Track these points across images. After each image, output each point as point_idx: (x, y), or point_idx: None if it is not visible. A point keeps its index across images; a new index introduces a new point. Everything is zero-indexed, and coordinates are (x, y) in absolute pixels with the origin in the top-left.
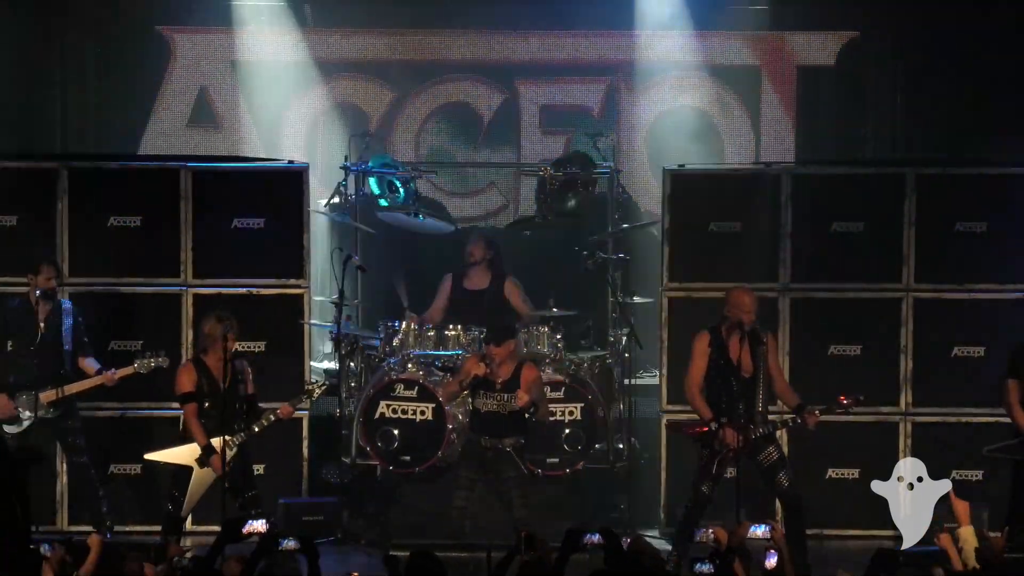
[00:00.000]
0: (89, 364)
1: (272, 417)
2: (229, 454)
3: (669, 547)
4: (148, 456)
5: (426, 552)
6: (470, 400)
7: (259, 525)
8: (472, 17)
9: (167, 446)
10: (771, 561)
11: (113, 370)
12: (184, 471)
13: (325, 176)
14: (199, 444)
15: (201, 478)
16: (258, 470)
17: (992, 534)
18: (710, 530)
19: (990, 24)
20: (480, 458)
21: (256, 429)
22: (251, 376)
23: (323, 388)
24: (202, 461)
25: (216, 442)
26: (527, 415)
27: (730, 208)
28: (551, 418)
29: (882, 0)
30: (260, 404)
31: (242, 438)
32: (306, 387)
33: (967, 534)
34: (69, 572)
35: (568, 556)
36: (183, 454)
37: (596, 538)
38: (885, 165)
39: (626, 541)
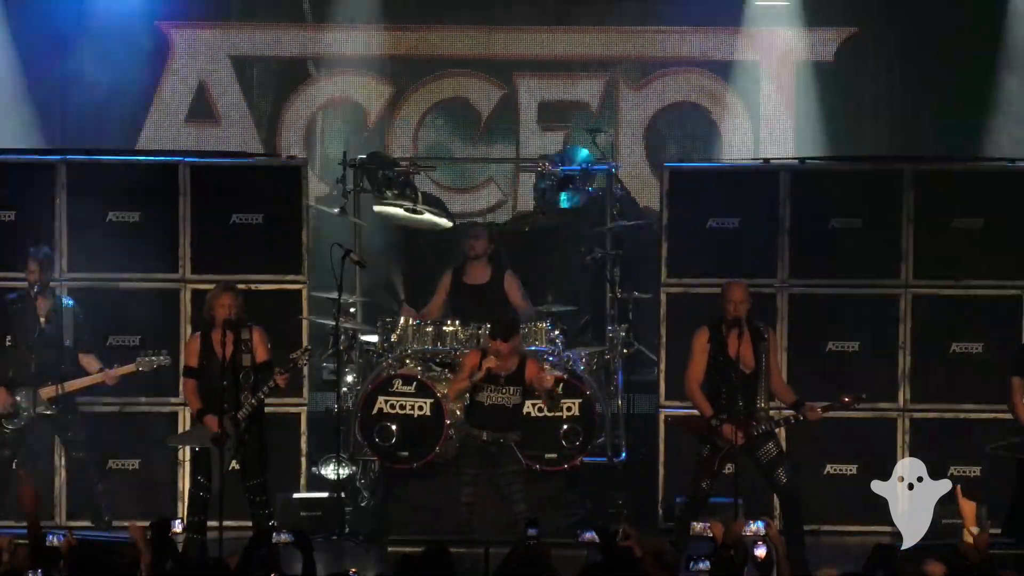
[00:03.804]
0: (90, 361)
1: (267, 389)
2: (235, 431)
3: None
4: (168, 441)
5: (440, 548)
6: (469, 394)
7: (285, 538)
8: (471, 12)
9: (163, 440)
10: (760, 551)
11: (114, 367)
12: (203, 453)
13: (324, 172)
14: (191, 411)
15: (220, 456)
16: None
17: (992, 529)
18: (706, 524)
19: (989, 21)
20: (480, 453)
21: (254, 402)
22: (261, 343)
23: (307, 353)
24: (215, 439)
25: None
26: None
27: (729, 204)
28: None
29: None
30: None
31: (247, 412)
32: (290, 357)
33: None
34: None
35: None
36: (200, 436)
37: (590, 535)
38: (884, 161)
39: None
